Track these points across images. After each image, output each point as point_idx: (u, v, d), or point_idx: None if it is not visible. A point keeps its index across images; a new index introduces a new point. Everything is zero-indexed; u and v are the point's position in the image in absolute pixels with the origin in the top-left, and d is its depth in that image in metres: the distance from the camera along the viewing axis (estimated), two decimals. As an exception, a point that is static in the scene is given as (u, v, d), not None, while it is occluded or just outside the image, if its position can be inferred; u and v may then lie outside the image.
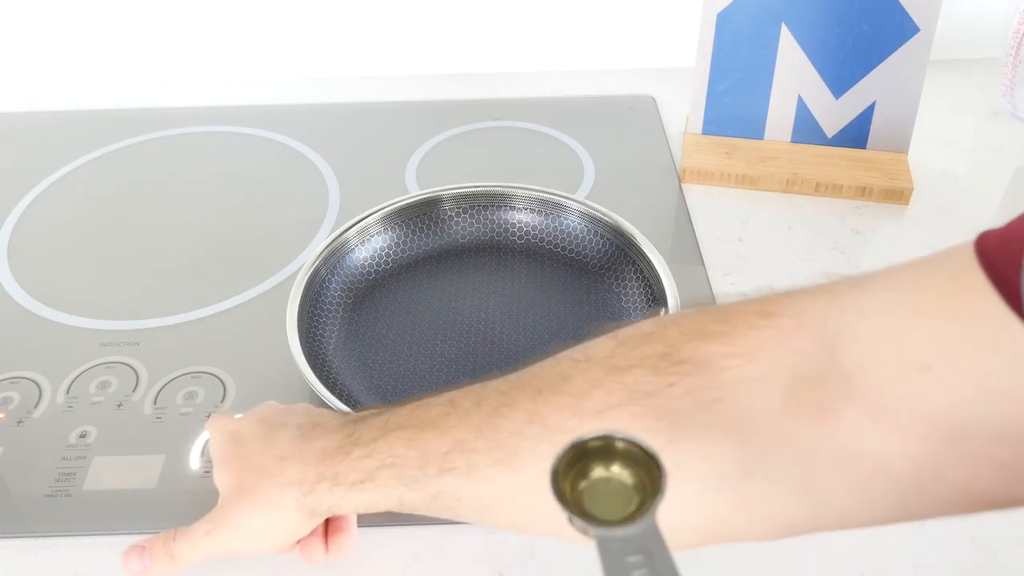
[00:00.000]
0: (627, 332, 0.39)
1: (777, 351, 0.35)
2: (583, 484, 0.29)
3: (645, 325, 0.39)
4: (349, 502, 0.44)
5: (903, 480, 0.32)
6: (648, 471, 0.28)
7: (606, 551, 0.26)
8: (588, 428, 0.29)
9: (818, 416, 0.33)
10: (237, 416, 0.51)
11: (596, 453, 0.29)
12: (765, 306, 0.36)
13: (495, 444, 0.39)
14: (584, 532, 0.27)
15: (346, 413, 0.49)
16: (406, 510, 0.42)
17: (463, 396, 0.42)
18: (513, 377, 0.41)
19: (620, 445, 0.29)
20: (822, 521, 0.35)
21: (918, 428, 0.31)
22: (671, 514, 0.28)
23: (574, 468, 0.29)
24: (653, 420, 0.35)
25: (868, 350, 0.33)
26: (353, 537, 0.49)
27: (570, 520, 0.27)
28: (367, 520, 0.53)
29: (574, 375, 0.38)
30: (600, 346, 0.39)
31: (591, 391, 0.37)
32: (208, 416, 0.53)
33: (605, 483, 0.29)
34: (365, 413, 0.46)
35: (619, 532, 0.27)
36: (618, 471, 0.29)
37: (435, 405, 0.42)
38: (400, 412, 0.43)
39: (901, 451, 0.32)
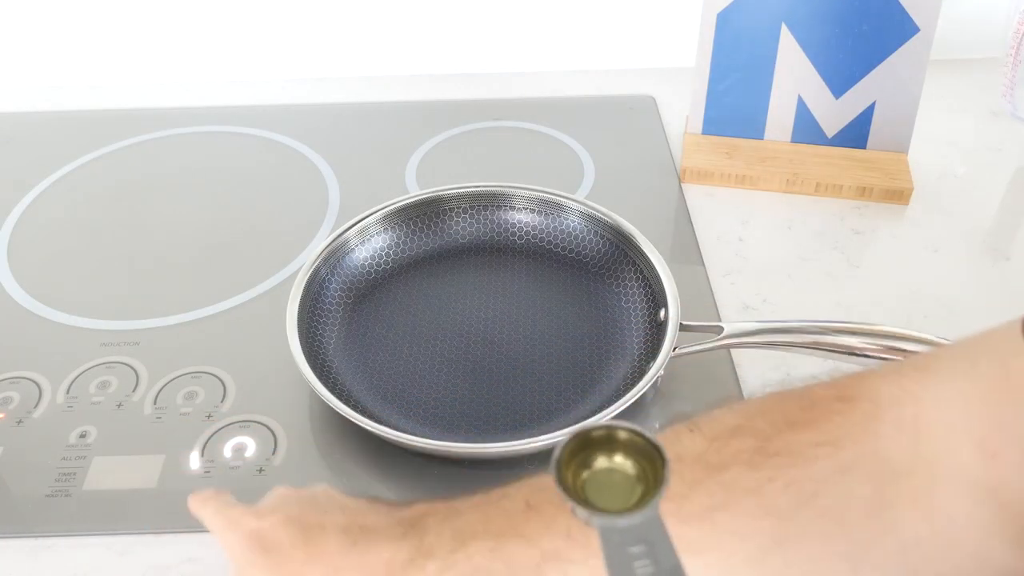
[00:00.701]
0: (712, 426, 0.37)
1: (863, 438, 0.34)
2: (586, 474, 0.29)
3: (728, 417, 0.37)
4: None
5: (992, 561, 0.32)
6: (651, 461, 0.28)
7: (608, 541, 0.27)
8: (692, 534, 0.29)
9: (915, 503, 0.33)
10: (241, 503, 0.43)
11: (600, 443, 0.29)
12: (843, 390, 0.36)
13: (590, 553, 0.35)
14: (587, 522, 0.27)
15: (388, 507, 0.42)
16: None
17: (541, 497, 0.38)
18: None
19: (623, 435, 0.29)
20: None
21: (1002, 509, 0.32)
22: None
23: (577, 458, 0.29)
24: (759, 519, 0.34)
25: (945, 437, 0.33)
26: None
27: (573, 510, 0.28)
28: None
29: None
30: (688, 443, 0.37)
31: (690, 493, 0.35)
32: (204, 500, 0.44)
33: (608, 473, 0.29)
34: (418, 511, 0.40)
35: (621, 522, 0.27)
36: (621, 461, 0.29)
37: (512, 510, 0.38)
38: (470, 518, 0.38)
39: (992, 533, 0.32)
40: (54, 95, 0.95)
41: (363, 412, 0.55)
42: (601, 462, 0.29)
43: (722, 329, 0.57)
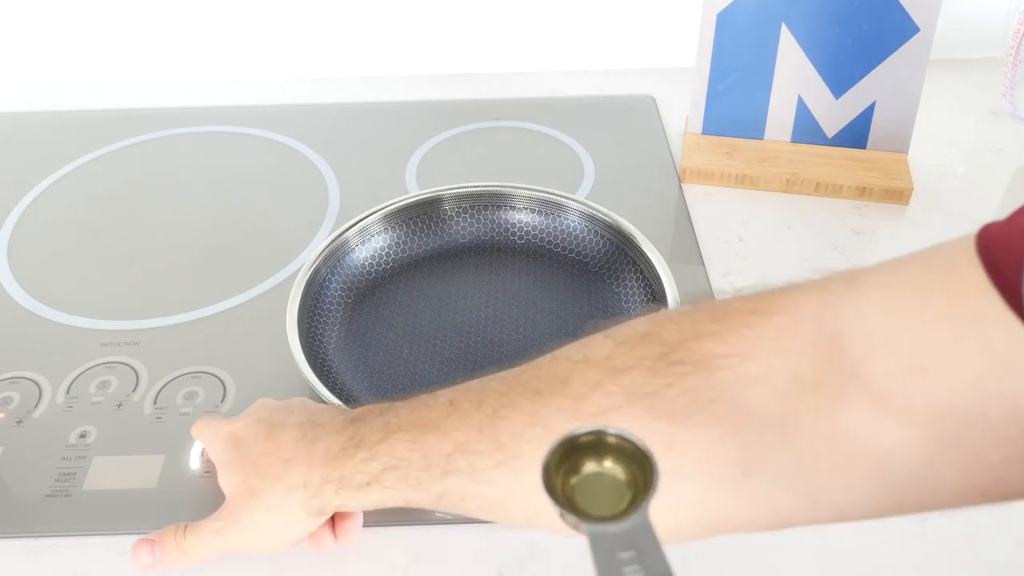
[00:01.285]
0: (624, 332, 0.39)
1: (773, 350, 0.35)
2: (575, 479, 0.28)
3: (641, 324, 0.39)
4: (356, 502, 0.44)
5: (901, 476, 0.32)
6: (640, 466, 0.28)
7: (598, 547, 0.26)
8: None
9: (816, 416, 0.33)
10: (227, 416, 0.51)
11: (588, 448, 0.29)
12: (759, 304, 0.36)
13: (496, 446, 0.39)
14: (576, 528, 0.27)
15: (343, 409, 0.49)
16: (413, 506, 0.43)
17: (463, 396, 0.42)
18: (511, 376, 0.41)
19: (612, 440, 0.29)
20: (821, 516, 0.35)
21: (916, 426, 0.31)
22: (671, 511, 0.28)
23: (566, 463, 0.29)
24: (651, 421, 0.35)
25: (865, 352, 0.33)
26: (359, 522, 0.50)
27: (562, 515, 0.27)
28: (367, 520, 0.53)
29: (572, 377, 0.38)
30: (598, 346, 0.39)
31: (590, 393, 0.37)
32: (200, 423, 0.52)
33: (597, 478, 0.29)
34: (363, 410, 0.46)
35: (611, 528, 0.27)
36: (610, 466, 0.29)
37: (435, 405, 0.42)
38: (400, 412, 0.43)
39: (900, 448, 0.32)
40: (54, 95, 0.95)
41: (363, 412, 0.55)
42: (590, 467, 0.29)
43: (722, 329, 0.57)
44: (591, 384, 0.37)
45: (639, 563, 0.26)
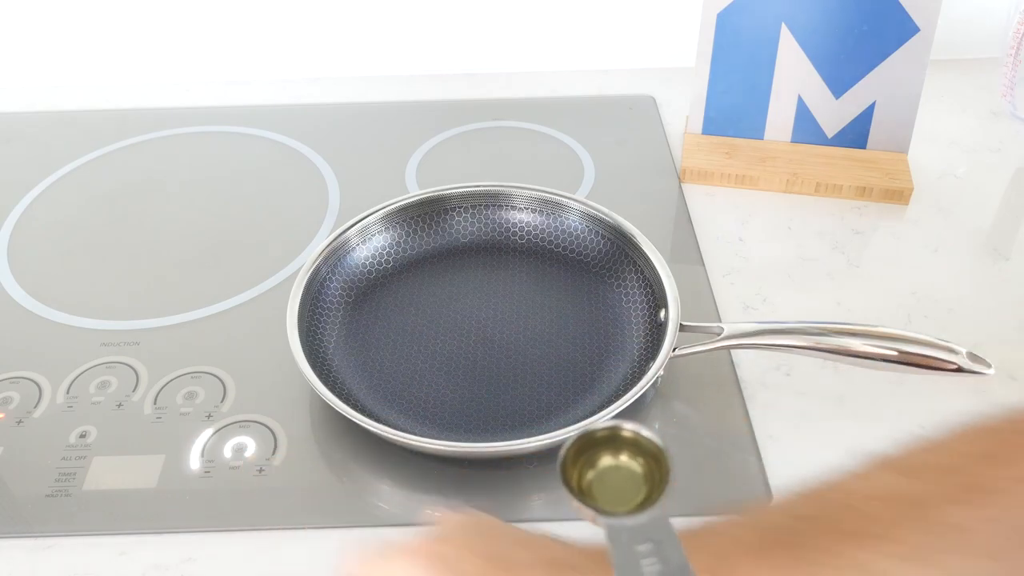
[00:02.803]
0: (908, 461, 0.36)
1: None
2: (591, 474, 0.29)
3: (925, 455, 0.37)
4: None
5: None
6: (656, 460, 0.28)
7: (616, 540, 0.27)
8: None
9: None
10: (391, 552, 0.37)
11: (604, 442, 0.29)
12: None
13: None
14: (593, 521, 0.27)
15: (584, 546, 0.36)
16: None
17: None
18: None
19: (627, 434, 0.29)
20: None
21: None
22: None
23: (583, 457, 0.29)
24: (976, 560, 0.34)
25: None
26: None
27: (578, 509, 0.28)
28: (367, 519, 0.53)
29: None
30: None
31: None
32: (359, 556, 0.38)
33: (614, 471, 0.29)
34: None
35: (628, 521, 0.27)
36: (627, 460, 0.29)
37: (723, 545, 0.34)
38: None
39: None
40: (54, 95, 0.95)
41: (363, 412, 0.55)
42: (606, 461, 0.29)
43: (722, 329, 0.57)
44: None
45: (656, 555, 0.26)
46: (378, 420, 0.54)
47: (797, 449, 0.56)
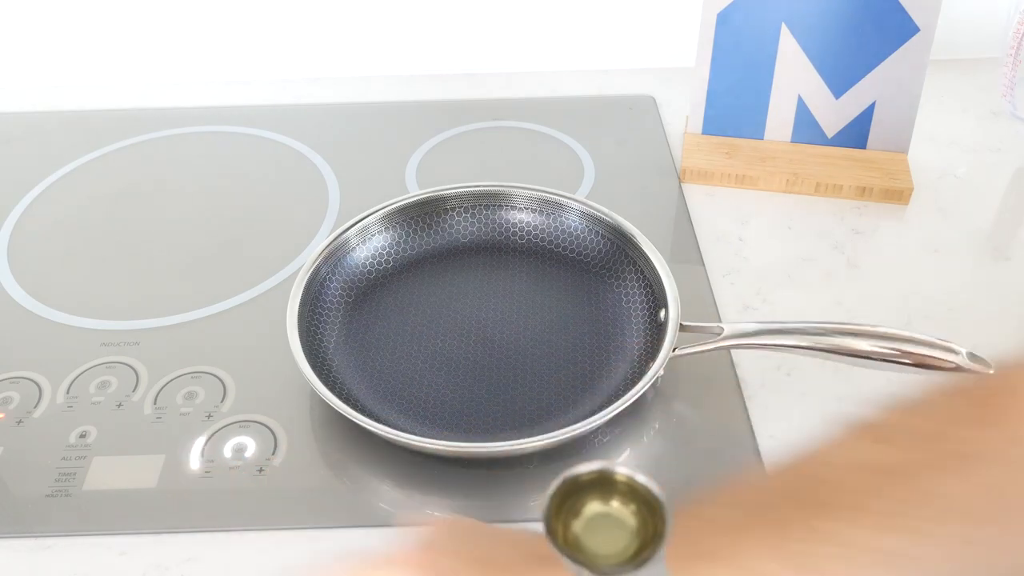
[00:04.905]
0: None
1: None
2: (577, 523, 0.26)
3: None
4: None
5: None
6: (649, 508, 0.25)
7: None
8: None
9: None
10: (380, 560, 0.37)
11: (592, 487, 0.26)
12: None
13: None
14: None
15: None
16: None
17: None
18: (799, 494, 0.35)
19: (620, 479, 0.26)
20: None
21: None
22: None
23: (567, 503, 0.26)
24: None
25: None
26: None
27: (566, 566, 0.25)
28: (367, 519, 0.53)
29: None
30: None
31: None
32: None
33: (603, 519, 0.26)
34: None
35: None
36: (618, 507, 0.26)
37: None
38: None
39: None
40: (54, 95, 0.95)
41: (363, 411, 0.55)
42: (594, 507, 0.26)
43: (722, 329, 0.57)
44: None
45: None
46: (378, 420, 0.54)
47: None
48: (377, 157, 0.84)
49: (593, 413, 0.54)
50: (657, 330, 0.60)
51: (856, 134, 0.80)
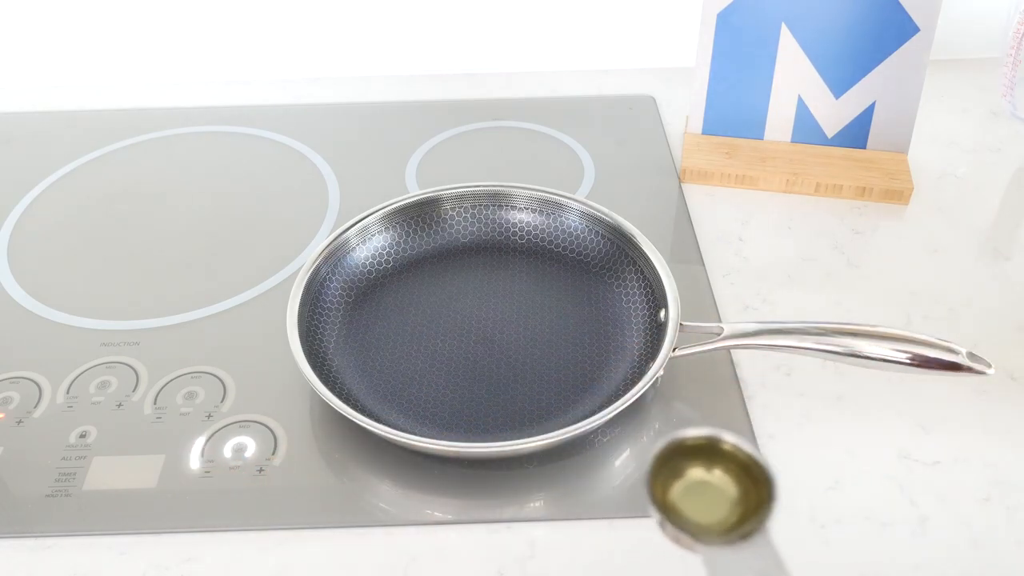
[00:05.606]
0: None
1: None
2: (677, 485, 0.25)
3: None
4: None
5: None
6: (754, 480, 0.25)
7: (714, 570, 0.23)
8: None
9: None
10: None
11: (696, 452, 0.26)
12: None
13: None
14: (676, 541, 0.24)
15: None
16: None
17: None
18: None
19: (726, 447, 0.25)
20: None
21: None
22: None
23: (668, 466, 0.25)
24: None
25: None
26: None
27: (662, 526, 0.24)
28: (367, 519, 0.53)
29: None
30: None
31: None
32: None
33: (704, 486, 0.26)
34: None
35: (728, 551, 0.23)
36: (719, 475, 0.26)
37: None
38: None
39: None
40: (54, 95, 0.95)
41: (363, 412, 0.54)
42: (696, 473, 0.25)
43: (722, 329, 0.57)
44: None
45: None
46: (378, 420, 0.54)
47: (797, 449, 0.56)
48: (377, 157, 0.84)
49: (593, 413, 0.54)
50: (657, 330, 0.60)
51: (856, 134, 0.80)
